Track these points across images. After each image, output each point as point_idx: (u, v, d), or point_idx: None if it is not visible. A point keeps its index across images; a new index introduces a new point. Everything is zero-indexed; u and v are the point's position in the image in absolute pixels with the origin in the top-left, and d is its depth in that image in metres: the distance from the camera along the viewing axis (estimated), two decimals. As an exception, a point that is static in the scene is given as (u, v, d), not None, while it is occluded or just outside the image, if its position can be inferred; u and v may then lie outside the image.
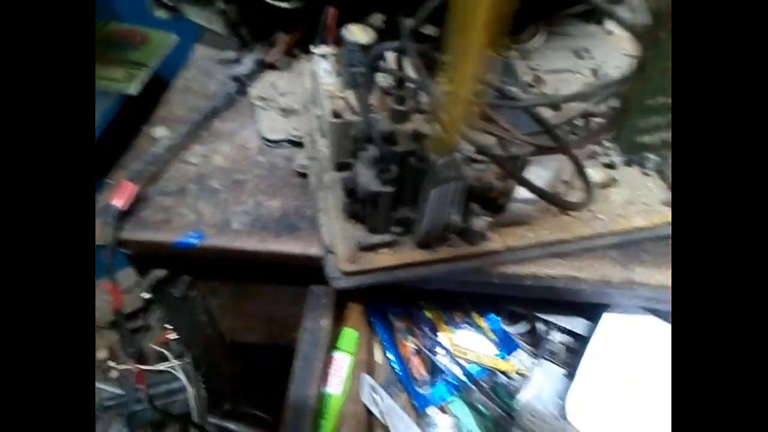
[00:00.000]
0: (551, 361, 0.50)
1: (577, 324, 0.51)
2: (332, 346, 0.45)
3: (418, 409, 0.46)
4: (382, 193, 0.35)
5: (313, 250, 0.39)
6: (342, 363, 0.43)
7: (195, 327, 0.54)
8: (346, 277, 0.37)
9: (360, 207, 0.37)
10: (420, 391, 0.46)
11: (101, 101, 0.68)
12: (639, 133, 0.17)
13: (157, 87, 0.58)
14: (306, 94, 0.50)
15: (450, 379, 0.48)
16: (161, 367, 0.67)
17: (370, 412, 0.44)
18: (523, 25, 0.59)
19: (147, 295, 0.46)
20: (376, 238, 0.38)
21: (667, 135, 0.18)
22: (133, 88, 0.66)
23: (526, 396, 0.45)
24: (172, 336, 0.66)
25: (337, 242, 0.38)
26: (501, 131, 0.35)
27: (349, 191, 0.38)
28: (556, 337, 0.51)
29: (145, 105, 0.54)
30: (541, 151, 0.34)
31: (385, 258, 0.38)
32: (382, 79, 0.39)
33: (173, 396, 0.65)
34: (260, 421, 0.68)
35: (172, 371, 0.65)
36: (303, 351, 0.41)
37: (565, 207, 0.33)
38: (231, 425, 0.67)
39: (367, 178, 0.35)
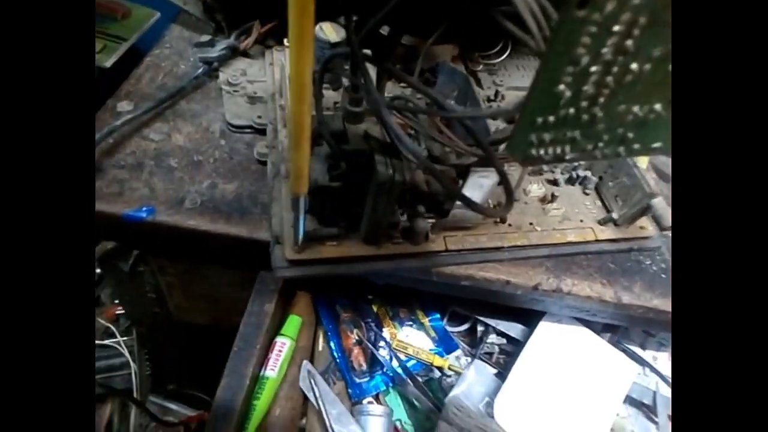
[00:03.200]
0: (485, 362, 0.52)
1: (515, 329, 0.54)
2: (276, 332, 0.47)
3: (353, 397, 0.47)
4: (330, 188, 0.36)
5: (262, 235, 0.41)
6: (282, 347, 0.44)
7: (142, 303, 0.54)
8: (291, 267, 0.39)
9: (310, 199, 0.39)
10: (357, 380, 0.48)
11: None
12: (530, 147, 0.19)
13: (133, 62, 0.58)
14: (274, 84, 0.51)
15: (387, 372, 0.50)
16: (107, 342, 0.67)
17: (306, 397, 0.46)
18: (493, 42, 0.62)
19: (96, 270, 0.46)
20: (324, 231, 0.40)
21: (560, 150, 0.20)
22: (108, 61, 0.66)
23: (456, 392, 0.48)
24: (120, 311, 0.65)
25: (286, 231, 0.39)
26: (447, 141, 0.37)
27: (301, 183, 0.39)
28: (493, 339, 0.54)
29: (118, 78, 0.54)
30: (483, 162, 0.37)
31: (330, 250, 0.39)
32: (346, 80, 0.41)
33: (115, 371, 0.65)
34: (203, 402, 0.69)
35: (117, 347, 0.65)
36: (244, 332, 0.42)
37: (485, 215, 0.35)
38: (172, 405, 0.68)
39: (317, 173, 0.36)
